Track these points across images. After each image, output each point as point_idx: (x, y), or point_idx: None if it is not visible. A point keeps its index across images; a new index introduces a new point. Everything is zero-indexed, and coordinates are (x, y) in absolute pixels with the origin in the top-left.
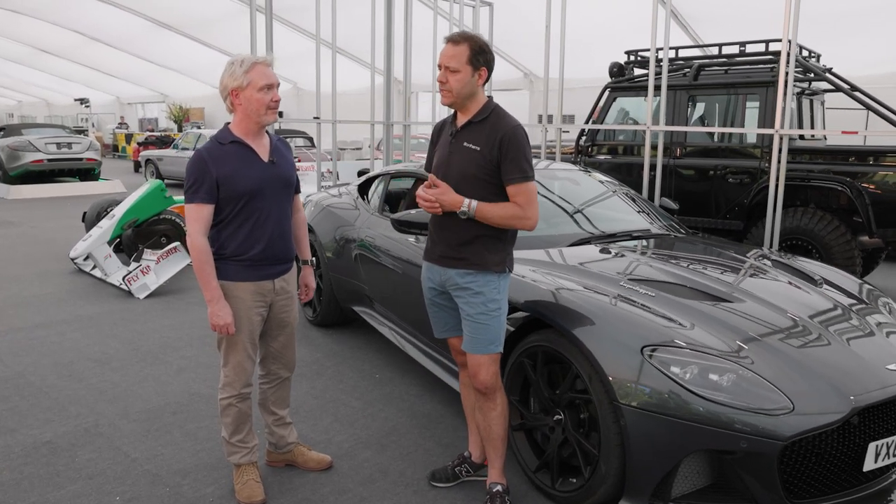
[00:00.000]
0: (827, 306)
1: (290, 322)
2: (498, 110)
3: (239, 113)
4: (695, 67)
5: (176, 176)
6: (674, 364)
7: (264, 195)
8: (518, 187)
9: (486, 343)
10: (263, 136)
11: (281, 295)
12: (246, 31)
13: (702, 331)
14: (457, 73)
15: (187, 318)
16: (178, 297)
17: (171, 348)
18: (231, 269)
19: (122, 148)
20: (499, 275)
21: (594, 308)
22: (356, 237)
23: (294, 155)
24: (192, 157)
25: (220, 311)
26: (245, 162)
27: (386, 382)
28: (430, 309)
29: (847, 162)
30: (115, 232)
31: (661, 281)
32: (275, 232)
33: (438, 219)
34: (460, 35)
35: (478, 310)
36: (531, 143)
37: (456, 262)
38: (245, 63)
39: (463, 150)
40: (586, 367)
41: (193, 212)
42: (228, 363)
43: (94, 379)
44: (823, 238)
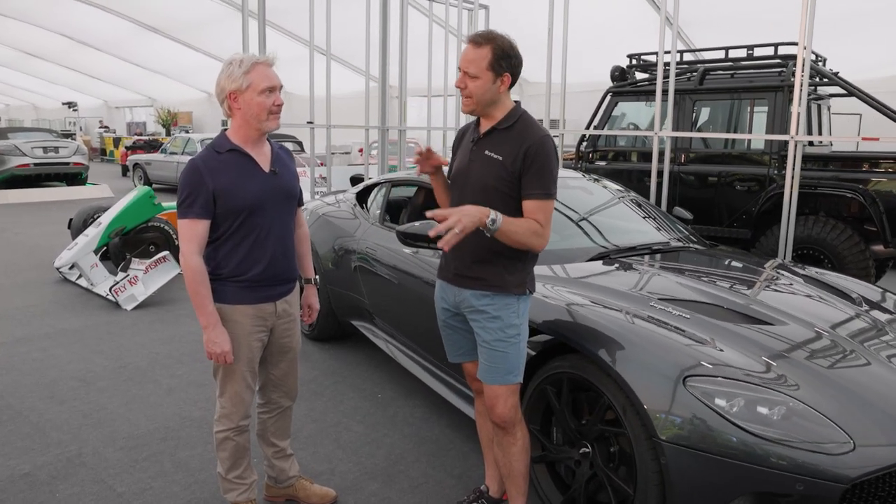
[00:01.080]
0: (871, 327)
1: (293, 347)
2: (525, 117)
3: (238, 118)
4: (700, 71)
5: (164, 181)
6: (718, 396)
7: (265, 209)
8: (538, 204)
9: (504, 373)
10: (264, 143)
11: (283, 318)
12: (234, 34)
13: (744, 357)
14: (476, 80)
15: (177, 332)
16: (167, 309)
17: (160, 366)
18: (229, 291)
19: (110, 152)
20: (518, 297)
21: (626, 332)
22: (356, 248)
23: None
24: (185, 168)
25: (217, 338)
26: (244, 173)
27: (389, 403)
28: (444, 331)
29: (858, 169)
30: (101, 240)
31: (693, 300)
32: (277, 250)
33: None
34: (483, 36)
35: (495, 336)
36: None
37: (472, 282)
38: (244, 63)
39: (484, 159)
40: (619, 398)
41: (187, 228)
42: (225, 393)
43: (77, 401)
44: (837, 248)
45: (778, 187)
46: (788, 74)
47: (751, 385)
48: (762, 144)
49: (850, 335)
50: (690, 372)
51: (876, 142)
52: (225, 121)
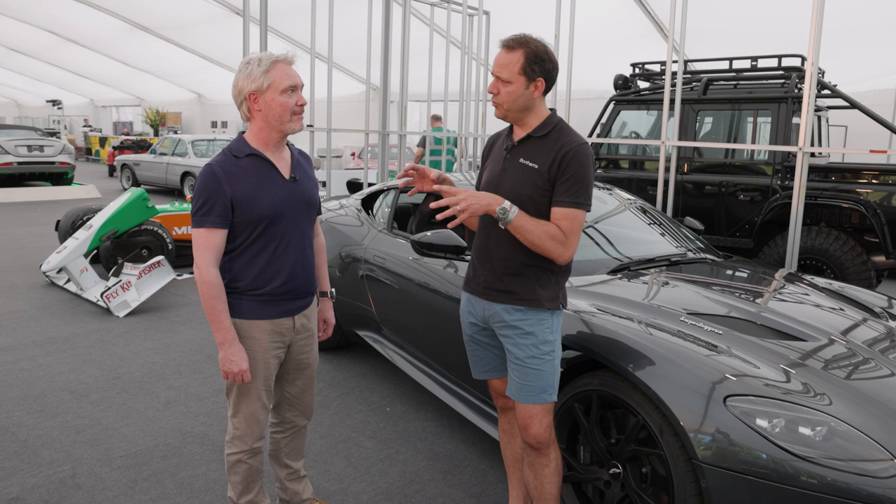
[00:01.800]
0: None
1: (311, 364)
2: (562, 125)
3: (258, 120)
4: (703, 82)
5: (154, 182)
6: (759, 416)
7: (285, 218)
8: (564, 212)
9: (539, 391)
10: (284, 147)
11: (301, 333)
12: (228, 35)
13: (781, 375)
14: (508, 85)
15: (173, 341)
16: (161, 316)
17: (156, 376)
18: (246, 306)
19: (96, 151)
20: (552, 312)
21: (660, 348)
22: (363, 257)
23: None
24: (201, 173)
25: (235, 356)
26: (265, 179)
27: (399, 417)
28: (470, 346)
29: (856, 180)
30: (92, 244)
31: (722, 315)
32: (297, 262)
33: (481, 243)
34: (515, 40)
35: (528, 353)
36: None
37: (503, 296)
38: (264, 62)
39: (519, 168)
40: (655, 417)
41: (203, 238)
42: (239, 413)
43: (69, 415)
44: (840, 258)
45: (781, 198)
46: (792, 86)
47: (791, 404)
48: (765, 155)
49: (883, 350)
50: (731, 391)
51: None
52: (235, 127)
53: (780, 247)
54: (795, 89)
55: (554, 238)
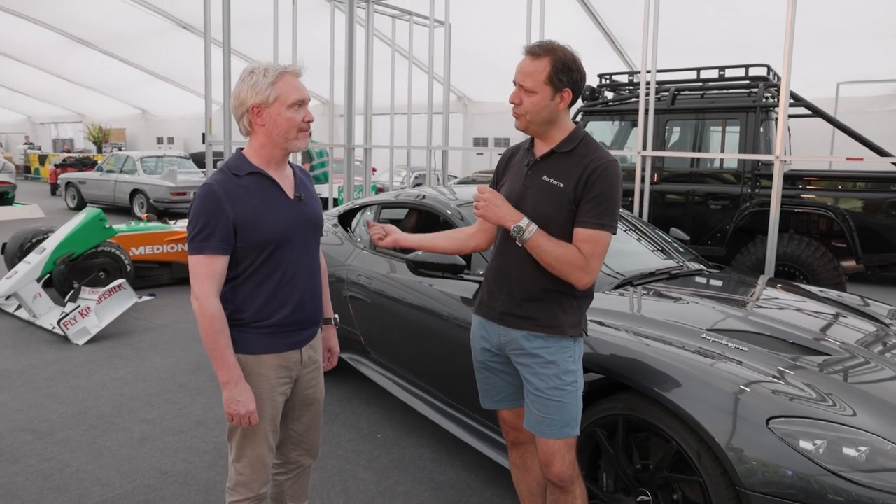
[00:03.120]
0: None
1: (318, 398)
2: (588, 140)
3: (260, 136)
4: (671, 92)
5: (101, 200)
6: (802, 437)
7: (293, 242)
8: (587, 234)
9: (561, 425)
10: (286, 165)
11: (309, 367)
12: (173, 49)
13: (815, 392)
14: (532, 95)
15: (141, 369)
16: (125, 343)
17: (126, 410)
18: (250, 339)
19: (35, 169)
20: (574, 339)
21: (691, 368)
22: (346, 277)
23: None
24: (199, 194)
25: (241, 396)
26: (269, 199)
27: (392, 444)
28: (481, 374)
29: (830, 188)
30: (46, 268)
31: (742, 330)
32: (305, 289)
33: (498, 265)
34: (542, 47)
35: (550, 383)
36: (467, 168)
37: (522, 322)
38: (270, 72)
39: (542, 186)
40: (691, 442)
41: (202, 266)
42: (244, 458)
43: (33, 458)
44: (812, 264)
45: (752, 205)
46: (760, 95)
47: (832, 424)
48: (735, 163)
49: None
50: (772, 412)
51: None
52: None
53: (754, 254)
54: (764, 98)
55: (572, 262)
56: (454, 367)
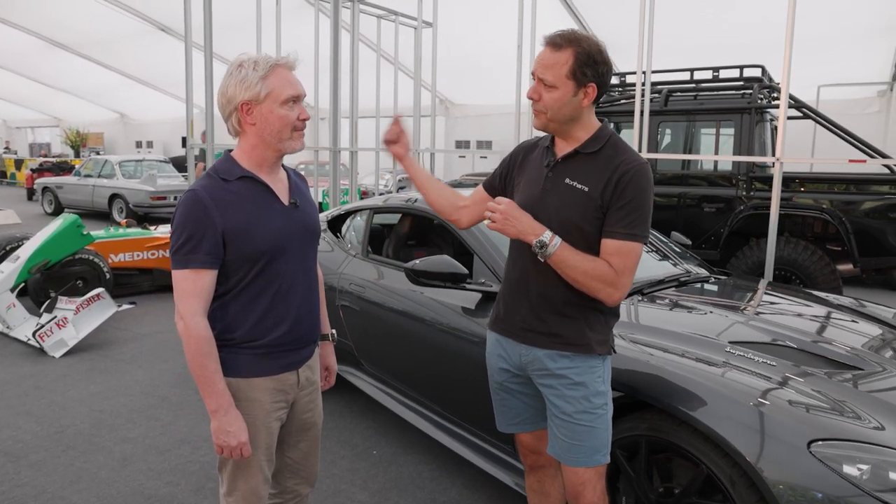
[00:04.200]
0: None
1: (316, 422)
2: (615, 140)
3: (251, 136)
4: (664, 93)
5: (79, 205)
6: (846, 462)
7: (288, 253)
8: (618, 245)
9: (592, 452)
10: (280, 168)
11: (306, 388)
12: (152, 52)
13: (850, 410)
14: (553, 90)
15: (121, 383)
16: (104, 355)
17: (106, 427)
18: (242, 361)
19: (11, 174)
20: (603, 358)
21: (721, 387)
22: (338, 285)
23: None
24: (183, 200)
25: (231, 426)
26: (262, 206)
27: (389, 462)
28: (498, 395)
29: (825, 190)
30: (20, 276)
31: (764, 342)
32: (302, 305)
33: (517, 277)
34: (563, 37)
35: (578, 406)
36: (449, 172)
37: (546, 340)
38: (261, 65)
39: (564, 190)
40: (725, 467)
41: (188, 282)
42: (237, 491)
43: (6, 484)
44: (809, 268)
45: (748, 208)
46: (755, 97)
47: (873, 447)
48: (729, 166)
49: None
50: (814, 435)
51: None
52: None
53: (749, 257)
54: (759, 100)
55: (602, 278)
56: (453, 380)
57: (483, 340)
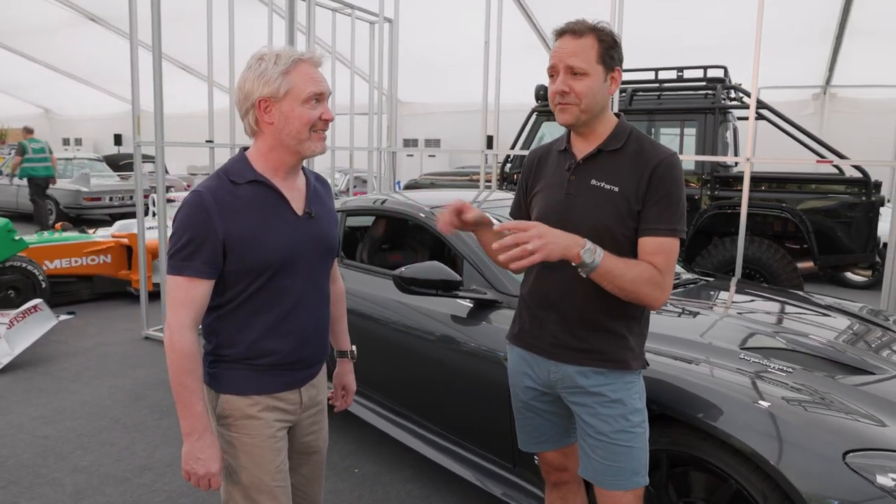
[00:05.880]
0: None
1: (320, 447)
2: (638, 133)
3: (268, 137)
4: (629, 93)
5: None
6: (879, 472)
7: (297, 268)
8: (660, 243)
9: (631, 474)
10: (299, 174)
11: (310, 409)
12: (80, 44)
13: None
14: (584, 77)
15: (67, 404)
16: (45, 372)
17: (54, 456)
18: (240, 377)
19: None
20: (638, 373)
21: (747, 397)
22: None
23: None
24: (186, 202)
25: (203, 453)
26: (271, 215)
27: (372, 480)
28: (522, 414)
29: (787, 190)
30: None
31: (779, 349)
32: (309, 325)
33: (544, 289)
34: (581, 24)
35: (615, 426)
36: (398, 172)
37: (580, 356)
38: (282, 59)
39: (591, 192)
40: (756, 482)
41: (180, 290)
42: None
43: None
44: (772, 266)
45: (712, 207)
46: (718, 97)
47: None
48: (692, 166)
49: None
50: (849, 445)
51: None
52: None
53: (714, 256)
54: (723, 100)
55: (650, 281)
56: (441, 391)
57: (475, 349)
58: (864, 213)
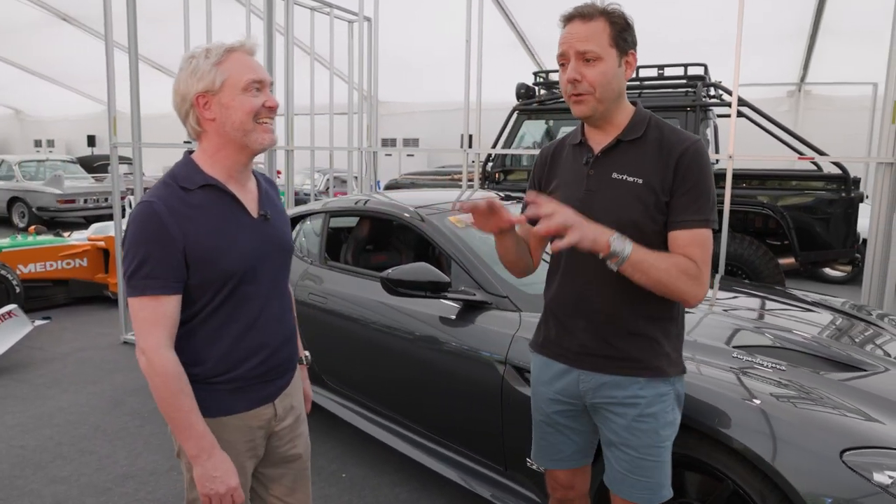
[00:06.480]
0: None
1: (300, 454)
2: (657, 120)
3: (213, 135)
4: None
5: None
6: (875, 470)
7: (260, 274)
8: (693, 235)
9: (657, 487)
10: (250, 174)
11: (285, 419)
12: (52, 44)
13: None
14: (597, 63)
15: (44, 411)
16: (21, 380)
17: (31, 466)
18: (210, 399)
19: None
20: (674, 382)
21: (739, 396)
22: (294, 296)
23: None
24: (135, 215)
25: (217, 471)
26: (229, 222)
27: (360, 485)
28: (543, 429)
29: (768, 186)
30: None
31: (769, 346)
32: (278, 331)
33: (571, 293)
34: (589, 6)
35: (646, 440)
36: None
37: (611, 365)
38: (213, 52)
39: (613, 186)
40: (753, 482)
41: (147, 310)
42: None
43: None
44: (754, 263)
45: None
46: (699, 94)
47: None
48: None
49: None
50: (846, 444)
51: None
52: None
53: None
54: (703, 97)
55: (687, 273)
56: (430, 394)
57: (465, 351)
58: (843, 209)
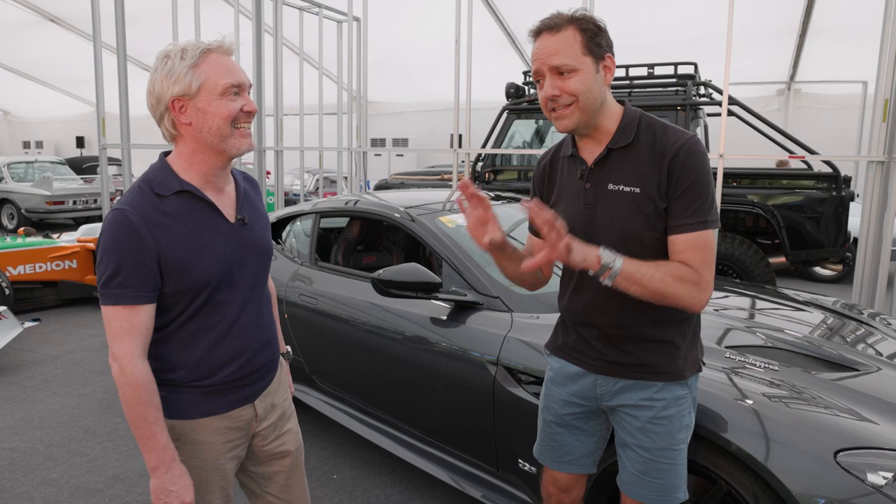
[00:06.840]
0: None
1: (290, 450)
2: (648, 120)
3: (189, 139)
4: None
5: None
6: (869, 470)
7: (237, 280)
8: (692, 238)
9: (672, 489)
10: (228, 177)
11: (268, 419)
12: (39, 44)
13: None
14: (573, 75)
15: (34, 413)
16: (10, 381)
17: (22, 469)
18: (185, 401)
19: None
20: (690, 384)
21: (732, 397)
22: (285, 297)
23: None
24: (108, 223)
25: (174, 485)
26: (204, 229)
27: (352, 486)
28: (552, 429)
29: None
30: None
31: (761, 346)
32: (257, 337)
33: (586, 300)
34: (556, 17)
35: (661, 443)
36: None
37: (628, 370)
38: (189, 53)
39: (611, 198)
40: (747, 483)
41: (120, 319)
42: None
43: None
44: (745, 262)
45: None
46: (689, 94)
47: (891, 452)
48: None
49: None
50: (840, 444)
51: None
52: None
53: None
54: (694, 97)
55: (683, 279)
56: (423, 395)
57: (457, 351)
58: (833, 207)
